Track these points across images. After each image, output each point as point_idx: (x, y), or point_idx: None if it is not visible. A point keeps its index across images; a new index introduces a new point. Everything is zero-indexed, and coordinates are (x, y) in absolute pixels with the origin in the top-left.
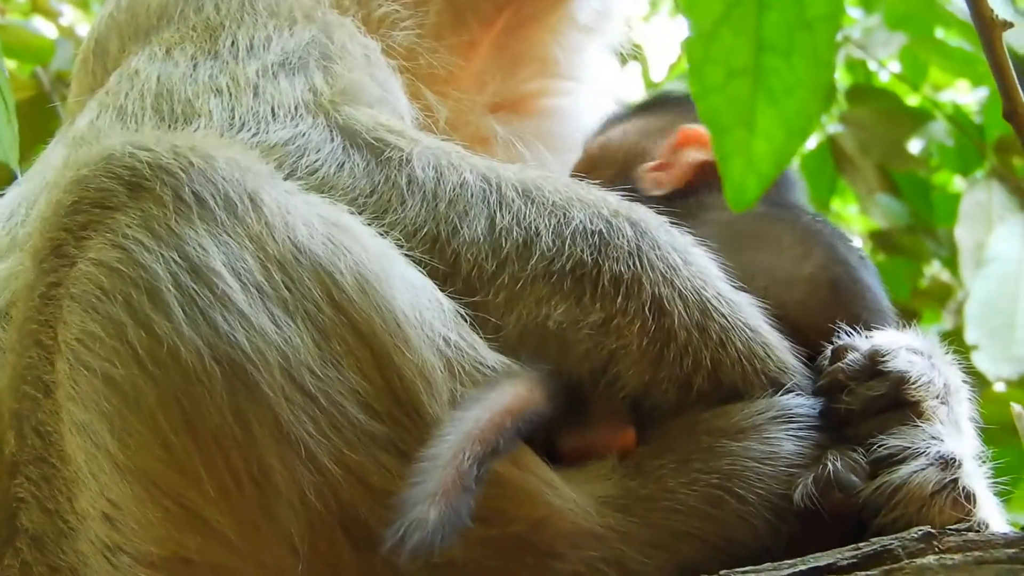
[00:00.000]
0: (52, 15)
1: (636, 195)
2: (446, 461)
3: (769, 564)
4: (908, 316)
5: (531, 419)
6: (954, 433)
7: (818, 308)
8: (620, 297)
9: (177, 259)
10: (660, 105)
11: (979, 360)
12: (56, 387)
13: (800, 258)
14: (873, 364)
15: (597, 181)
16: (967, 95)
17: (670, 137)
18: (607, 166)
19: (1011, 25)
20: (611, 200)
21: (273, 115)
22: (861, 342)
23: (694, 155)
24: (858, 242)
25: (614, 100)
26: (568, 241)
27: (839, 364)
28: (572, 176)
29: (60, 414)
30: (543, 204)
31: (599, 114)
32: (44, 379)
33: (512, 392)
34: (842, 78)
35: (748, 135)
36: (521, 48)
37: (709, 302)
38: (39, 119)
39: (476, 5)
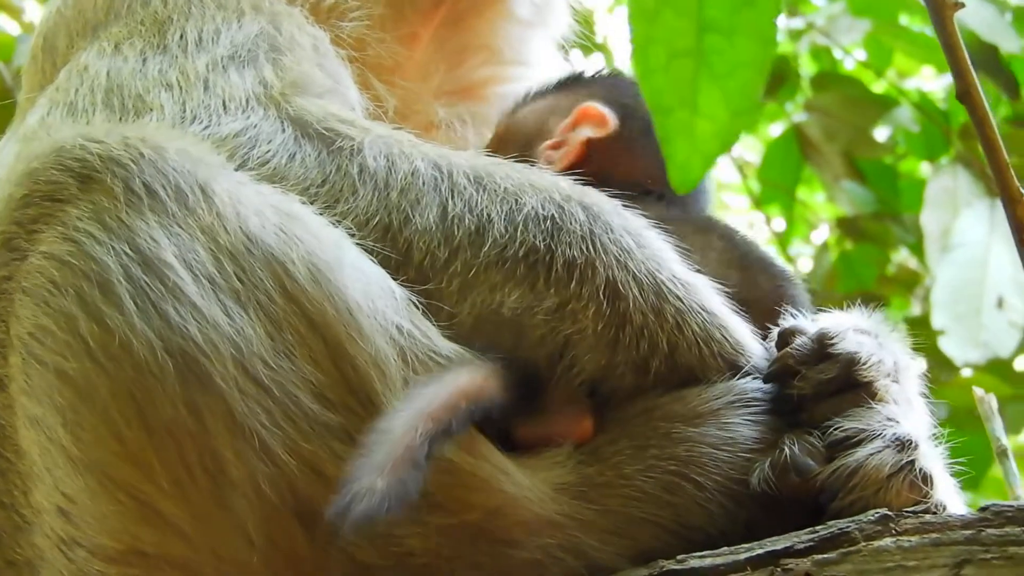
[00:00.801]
0: (14, 12)
1: None
2: (397, 436)
3: (726, 548)
4: (875, 303)
5: (486, 405)
6: (908, 412)
7: (743, 287)
8: (574, 282)
9: (128, 251)
10: (571, 84)
11: (946, 345)
12: (9, 381)
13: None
14: (822, 347)
15: (504, 158)
16: (932, 82)
17: (570, 116)
18: (512, 144)
19: (962, 6)
20: (563, 185)
21: (224, 108)
22: (808, 325)
23: (585, 133)
24: (825, 229)
25: None
26: (520, 227)
27: (788, 349)
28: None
29: (14, 408)
30: (495, 191)
31: None
32: None
33: (468, 376)
34: (807, 66)
35: (691, 115)
36: (464, 39)
37: (664, 284)
38: (1, 114)
39: (405, 13)
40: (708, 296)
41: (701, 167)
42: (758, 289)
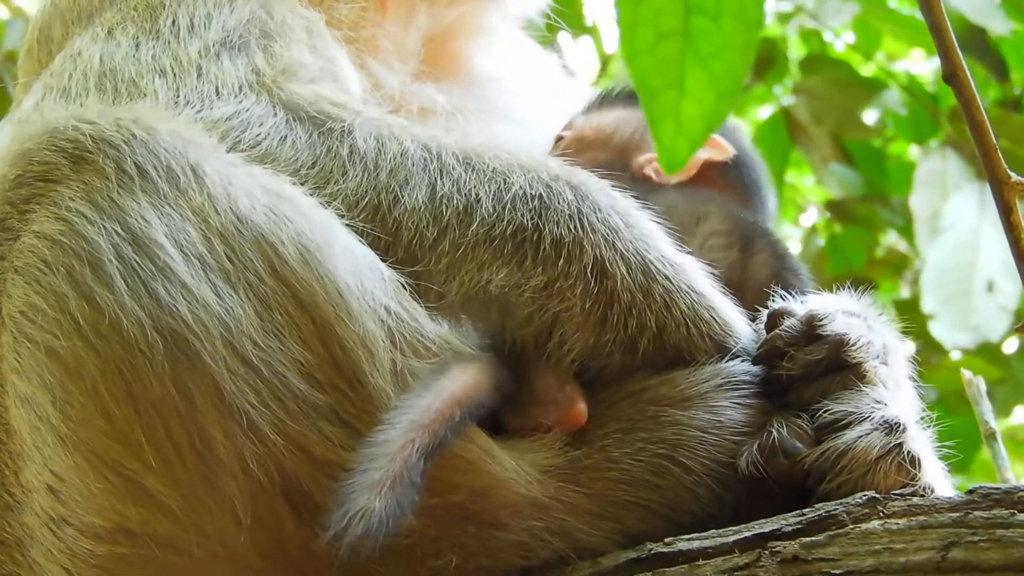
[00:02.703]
0: None
1: (629, 183)
2: (393, 451)
3: (714, 531)
4: (865, 286)
5: (479, 410)
6: (896, 394)
7: (742, 270)
8: (562, 260)
9: (119, 231)
10: None
11: (936, 329)
12: (0, 360)
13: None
14: (811, 329)
15: (585, 161)
16: (921, 65)
17: None
18: (600, 149)
19: None
20: (552, 165)
21: (217, 94)
22: (796, 306)
23: (705, 154)
24: (813, 213)
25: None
26: (508, 206)
27: (777, 331)
28: (557, 153)
29: (5, 387)
30: (483, 171)
31: (536, 85)
32: None
33: (462, 379)
34: (796, 49)
35: (678, 97)
36: None
37: (652, 264)
38: None
39: None
40: (697, 277)
41: (687, 148)
42: (757, 271)
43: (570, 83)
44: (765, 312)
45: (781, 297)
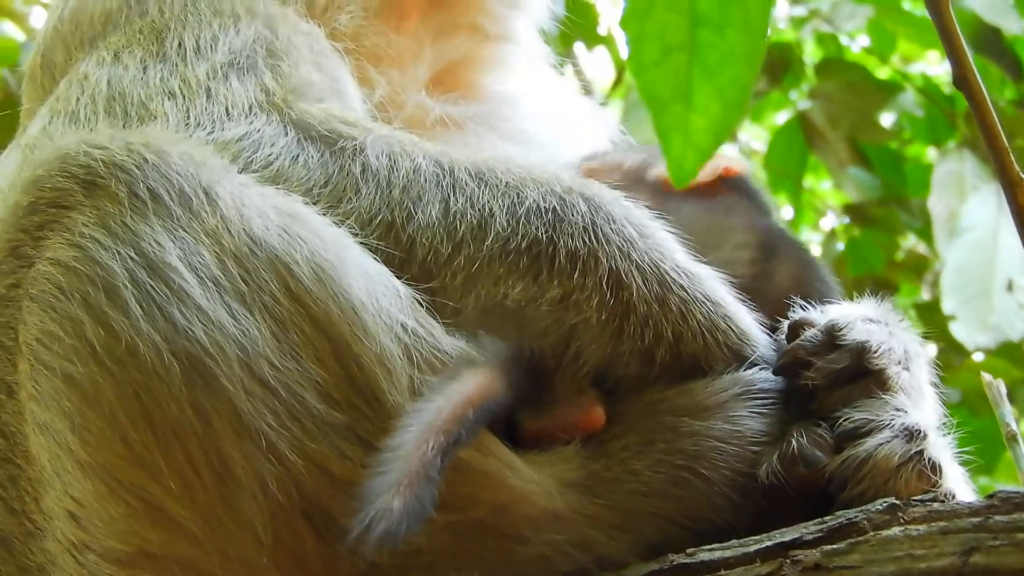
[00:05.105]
0: (19, 18)
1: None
2: (409, 451)
3: (736, 541)
4: (885, 289)
5: (493, 408)
6: (918, 401)
7: (768, 279)
8: (577, 272)
9: (133, 256)
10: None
11: (956, 330)
12: (19, 388)
13: (745, 236)
14: (832, 337)
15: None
16: (937, 66)
17: None
18: (611, 175)
19: None
20: (564, 177)
21: (228, 115)
22: (817, 316)
23: (723, 163)
24: (832, 217)
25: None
26: (523, 220)
27: (798, 341)
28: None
29: (24, 414)
30: (496, 185)
31: (545, 99)
32: (6, 380)
33: (474, 381)
34: (811, 53)
35: (686, 110)
36: (449, 17)
37: (667, 274)
38: (6, 121)
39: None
40: (712, 285)
41: (696, 161)
42: (782, 279)
43: (584, 100)
44: (786, 323)
45: (801, 307)
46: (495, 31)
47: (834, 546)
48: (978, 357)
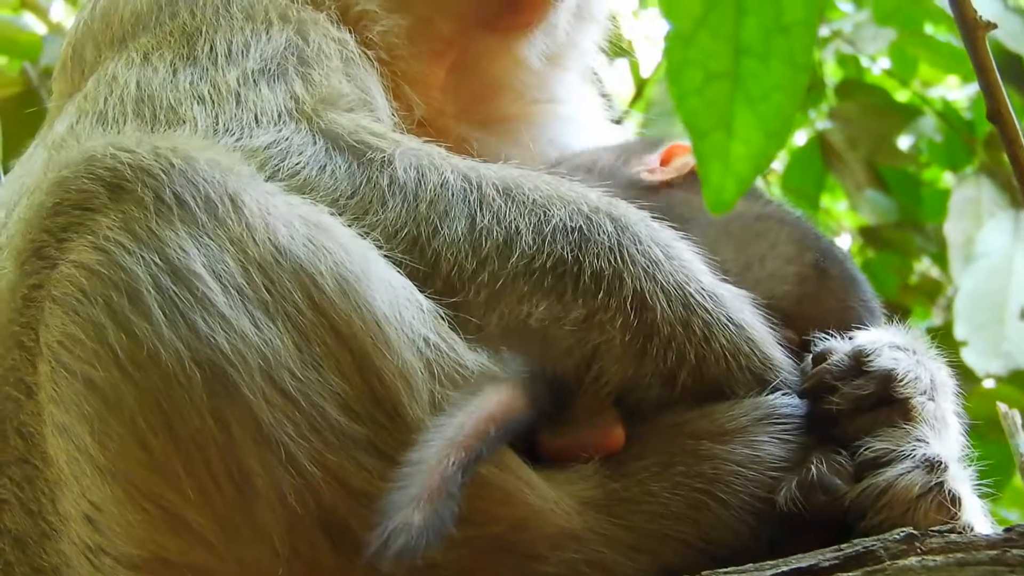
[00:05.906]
0: (41, 11)
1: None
2: (430, 466)
3: (751, 565)
4: (898, 312)
5: (514, 425)
6: (941, 432)
7: (812, 299)
8: (602, 293)
9: (157, 261)
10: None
11: (968, 356)
12: (38, 389)
13: (793, 251)
14: (858, 364)
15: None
16: (957, 91)
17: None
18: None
19: (994, 26)
20: (592, 196)
21: (257, 122)
22: (843, 344)
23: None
24: (847, 238)
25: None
26: (548, 238)
27: (824, 365)
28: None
29: (42, 416)
30: (523, 202)
31: (576, 120)
32: (26, 381)
33: (495, 398)
34: (832, 73)
35: (726, 138)
36: (484, 79)
37: (692, 296)
38: (27, 115)
39: (428, 35)
40: (737, 308)
41: (735, 189)
42: (821, 303)
43: (608, 117)
44: (811, 353)
45: (826, 337)
46: (537, 94)
47: (850, 574)
48: (988, 384)
